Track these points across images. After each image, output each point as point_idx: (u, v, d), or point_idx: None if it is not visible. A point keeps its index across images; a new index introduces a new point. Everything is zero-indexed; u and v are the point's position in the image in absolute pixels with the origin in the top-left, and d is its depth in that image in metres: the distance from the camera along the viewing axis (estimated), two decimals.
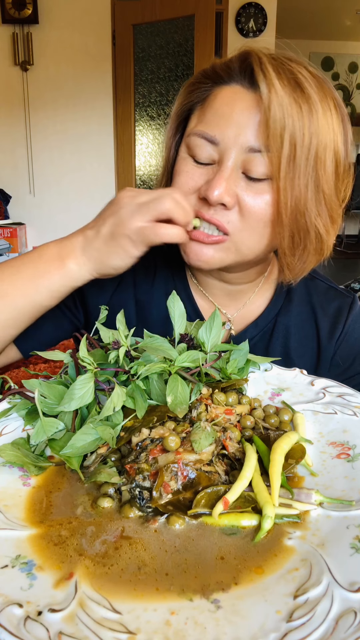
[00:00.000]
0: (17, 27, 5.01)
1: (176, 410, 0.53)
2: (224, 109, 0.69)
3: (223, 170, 0.69)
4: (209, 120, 0.70)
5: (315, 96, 0.67)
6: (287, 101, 0.65)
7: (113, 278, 0.76)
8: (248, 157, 0.68)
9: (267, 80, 0.66)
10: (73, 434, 0.53)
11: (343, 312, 0.86)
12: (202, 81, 0.75)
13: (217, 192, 0.68)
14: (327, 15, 6.61)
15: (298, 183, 0.68)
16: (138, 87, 5.25)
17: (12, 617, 0.35)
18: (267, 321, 0.87)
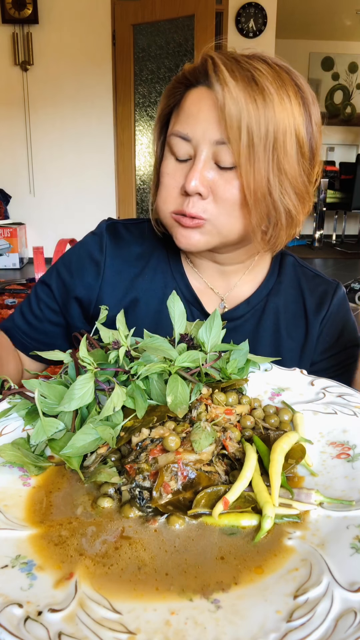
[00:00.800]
0: (17, 27, 5.01)
1: (176, 410, 0.53)
2: (192, 108, 0.78)
3: (196, 164, 0.77)
4: (182, 120, 0.79)
5: (271, 87, 0.75)
6: (241, 96, 0.73)
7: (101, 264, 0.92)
8: (216, 149, 0.77)
9: (220, 80, 0.74)
10: (73, 434, 0.53)
11: (328, 295, 0.94)
12: (176, 86, 0.83)
13: (194, 183, 0.76)
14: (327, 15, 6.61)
15: (258, 167, 0.76)
16: (138, 87, 5.25)
17: (12, 617, 0.35)
18: (259, 300, 0.94)
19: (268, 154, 0.75)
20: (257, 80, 0.74)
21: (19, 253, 5.38)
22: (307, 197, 0.83)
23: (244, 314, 0.93)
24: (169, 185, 0.82)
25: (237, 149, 0.74)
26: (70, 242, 3.50)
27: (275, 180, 0.77)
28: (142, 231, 0.99)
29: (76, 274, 0.95)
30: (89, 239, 0.98)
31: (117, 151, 5.44)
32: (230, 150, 0.75)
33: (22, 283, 4.38)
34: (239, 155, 0.75)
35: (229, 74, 0.74)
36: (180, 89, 0.82)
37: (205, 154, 0.77)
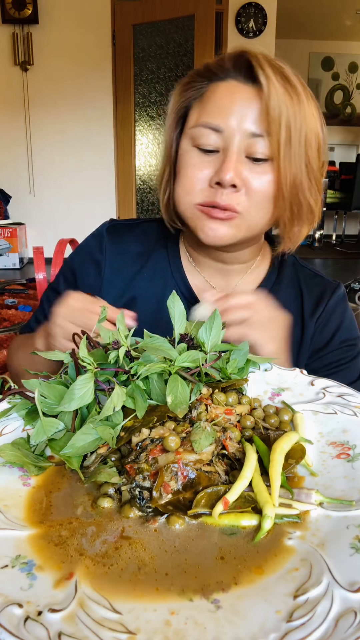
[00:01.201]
0: (17, 27, 5.01)
1: (176, 410, 0.53)
2: (224, 101, 0.79)
3: (230, 155, 0.78)
4: (211, 111, 0.79)
5: (300, 88, 0.78)
6: (281, 92, 0.76)
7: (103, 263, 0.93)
8: (250, 142, 0.78)
9: (266, 74, 0.76)
10: (73, 434, 0.53)
11: (326, 295, 0.95)
12: (196, 80, 0.84)
13: (229, 175, 0.76)
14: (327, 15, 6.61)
15: (294, 162, 0.78)
16: (138, 87, 5.26)
17: (12, 617, 0.35)
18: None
19: (301, 148, 0.78)
20: (289, 80, 0.77)
21: (19, 253, 5.38)
22: (321, 191, 0.86)
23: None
24: (194, 176, 0.81)
25: (277, 143, 0.76)
26: (70, 242, 3.50)
27: (304, 175, 0.80)
28: (143, 230, 0.99)
29: (79, 277, 0.96)
30: (90, 240, 0.98)
31: (117, 151, 5.44)
32: (267, 143, 0.77)
33: (22, 283, 4.39)
34: (278, 149, 0.77)
35: (271, 70, 0.76)
36: (202, 82, 0.83)
37: (237, 146, 0.78)
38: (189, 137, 0.82)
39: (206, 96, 0.81)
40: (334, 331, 0.94)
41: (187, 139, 0.82)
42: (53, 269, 3.21)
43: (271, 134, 0.76)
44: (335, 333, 0.93)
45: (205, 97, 0.81)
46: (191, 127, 0.82)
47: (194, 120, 0.82)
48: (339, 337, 0.93)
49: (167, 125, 0.89)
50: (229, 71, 0.80)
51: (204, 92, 0.82)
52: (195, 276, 0.95)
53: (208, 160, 0.80)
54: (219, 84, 0.80)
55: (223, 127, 0.78)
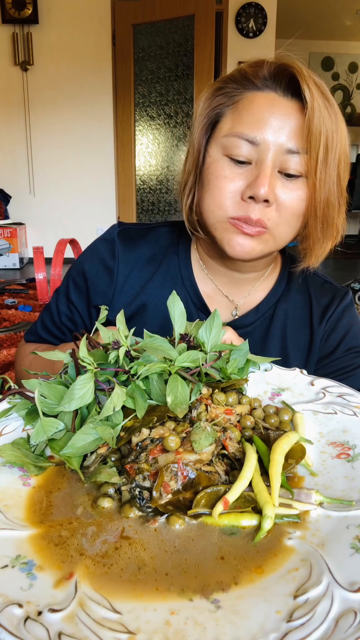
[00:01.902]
0: (17, 27, 5.01)
1: (176, 410, 0.53)
2: (262, 112, 0.76)
3: (265, 169, 0.76)
4: (248, 122, 0.77)
5: (336, 106, 0.77)
6: (322, 109, 0.74)
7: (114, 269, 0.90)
8: (285, 157, 0.76)
9: (310, 91, 0.74)
10: (73, 434, 0.53)
11: (335, 301, 0.94)
12: (229, 85, 0.81)
13: (263, 190, 0.75)
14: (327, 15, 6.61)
15: (328, 181, 0.77)
16: (138, 87, 5.26)
17: (12, 617, 0.35)
18: (268, 307, 0.94)
19: (334, 168, 0.77)
20: (327, 96, 0.76)
21: (19, 253, 5.38)
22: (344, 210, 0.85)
23: (254, 321, 0.93)
24: (225, 188, 0.79)
25: (314, 161, 0.75)
26: (71, 242, 3.50)
27: (335, 193, 0.79)
28: (154, 236, 0.97)
29: (91, 284, 0.94)
30: (101, 245, 0.95)
31: (117, 151, 5.44)
32: (302, 160, 0.76)
33: (22, 283, 4.39)
34: (315, 167, 0.75)
35: (314, 86, 0.74)
36: (237, 89, 0.80)
37: (272, 160, 0.76)
38: (220, 146, 0.80)
39: (241, 105, 0.79)
40: (341, 338, 0.93)
41: (218, 147, 0.80)
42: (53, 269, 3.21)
43: (310, 152, 0.75)
44: (342, 340, 0.93)
45: (241, 105, 0.79)
46: (224, 135, 0.79)
47: (226, 128, 0.79)
48: (346, 344, 0.93)
49: (195, 129, 0.85)
50: (267, 82, 0.78)
51: (238, 100, 0.80)
52: (207, 284, 0.94)
53: (239, 172, 0.78)
54: (257, 94, 0.78)
55: (259, 140, 0.76)
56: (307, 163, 0.76)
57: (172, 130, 5.30)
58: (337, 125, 0.76)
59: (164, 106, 5.18)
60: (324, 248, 0.86)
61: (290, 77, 0.76)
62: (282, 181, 0.78)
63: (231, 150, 0.78)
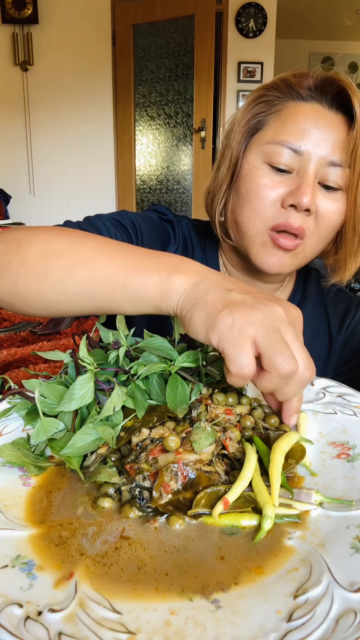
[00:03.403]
0: (17, 27, 5.01)
1: (176, 410, 0.53)
2: (307, 123, 0.77)
3: (307, 179, 0.75)
4: (292, 131, 0.77)
5: None
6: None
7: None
8: (326, 170, 0.76)
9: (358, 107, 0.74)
10: (73, 434, 0.53)
11: (352, 309, 0.95)
12: (272, 93, 0.81)
13: (306, 199, 0.74)
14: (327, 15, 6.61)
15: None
16: (138, 87, 5.26)
17: (12, 617, 0.35)
18: None
19: None
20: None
21: None
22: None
23: None
24: (267, 197, 0.78)
25: (358, 175, 0.76)
26: None
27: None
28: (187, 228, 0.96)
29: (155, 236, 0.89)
30: (155, 219, 0.92)
31: (117, 151, 5.44)
32: (344, 173, 0.76)
33: None
34: (358, 182, 0.76)
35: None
36: (279, 98, 0.80)
37: (314, 171, 0.76)
38: (262, 153, 0.79)
39: (285, 113, 0.79)
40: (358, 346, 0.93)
41: (259, 154, 0.79)
42: None
43: (354, 166, 0.75)
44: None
45: (284, 114, 0.79)
46: (266, 142, 0.79)
47: (269, 136, 0.79)
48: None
49: (234, 135, 0.84)
50: (313, 93, 0.78)
51: (281, 109, 0.80)
52: None
53: (280, 179, 0.78)
54: (301, 105, 0.78)
55: (303, 150, 0.76)
56: (349, 177, 0.76)
57: (172, 130, 5.30)
58: None
59: (164, 106, 5.18)
60: (357, 261, 0.86)
61: (337, 91, 0.77)
62: (322, 192, 0.78)
63: (273, 157, 0.77)
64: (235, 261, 0.91)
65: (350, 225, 0.80)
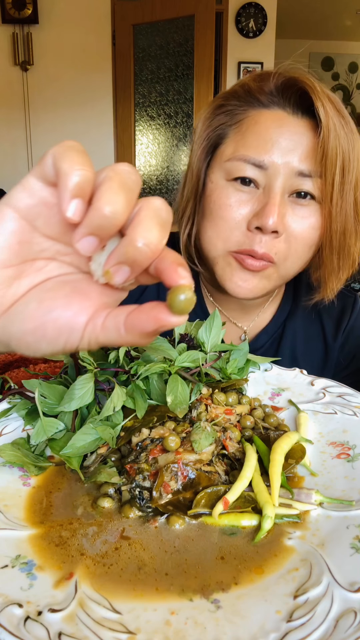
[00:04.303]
0: (17, 27, 5.01)
1: (176, 410, 0.53)
2: (270, 133, 0.69)
3: (274, 197, 0.68)
4: (254, 144, 0.69)
5: (351, 122, 0.69)
6: (338, 128, 0.67)
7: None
8: (296, 182, 0.69)
9: (325, 109, 0.66)
10: (73, 434, 0.53)
11: (347, 311, 0.88)
12: (231, 103, 0.73)
13: (272, 220, 0.67)
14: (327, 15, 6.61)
15: (345, 207, 0.69)
16: (138, 87, 5.26)
17: (12, 617, 0.35)
18: (277, 327, 0.88)
19: (352, 192, 0.70)
20: (341, 111, 0.69)
21: None
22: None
23: (264, 343, 0.88)
24: (230, 218, 0.71)
25: (330, 186, 0.68)
26: None
27: (352, 219, 0.71)
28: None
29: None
30: None
31: (117, 151, 5.44)
32: (316, 184, 0.68)
33: None
34: (330, 193, 0.68)
35: (329, 103, 0.67)
36: (240, 107, 0.73)
37: (281, 186, 0.68)
38: (224, 171, 0.72)
39: (246, 124, 0.71)
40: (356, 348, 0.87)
41: (221, 172, 0.72)
42: None
43: (325, 176, 0.67)
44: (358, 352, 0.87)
45: (245, 125, 0.71)
46: (227, 159, 0.71)
47: (230, 151, 0.71)
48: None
49: (194, 153, 0.77)
50: (274, 98, 0.71)
51: (241, 119, 0.72)
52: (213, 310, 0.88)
53: (245, 198, 0.70)
54: (263, 112, 0.71)
55: (267, 164, 0.68)
56: (322, 188, 0.69)
57: (172, 130, 5.30)
58: (353, 144, 0.68)
59: (164, 106, 5.18)
60: (339, 279, 0.78)
61: (300, 93, 0.69)
62: (292, 208, 0.70)
63: (234, 174, 0.70)
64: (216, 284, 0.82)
65: (327, 242, 0.72)
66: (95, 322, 0.32)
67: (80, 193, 0.30)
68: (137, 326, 0.30)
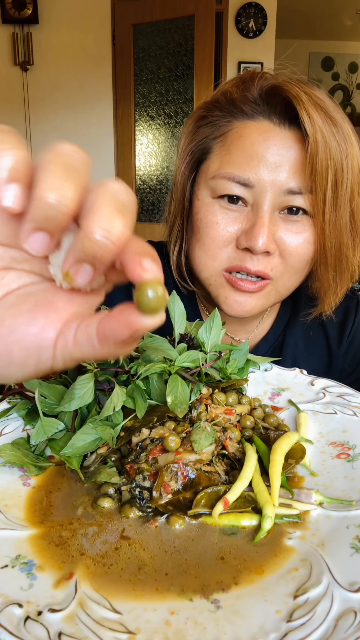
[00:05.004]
0: (17, 27, 5.01)
1: (176, 410, 0.53)
2: (255, 147, 0.65)
3: (262, 217, 0.65)
4: (238, 160, 0.65)
5: (344, 126, 0.65)
6: (328, 139, 0.62)
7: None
8: (286, 199, 0.65)
9: (311, 119, 0.62)
10: (73, 434, 0.53)
11: (350, 314, 0.85)
12: (214, 114, 0.69)
13: (261, 241, 0.64)
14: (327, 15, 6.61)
15: (339, 221, 0.66)
16: (138, 87, 5.26)
17: (12, 617, 0.35)
18: (277, 335, 0.86)
19: (347, 204, 0.66)
20: (331, 116, 0.64)
21: None
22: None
23: (264, 352, 0.85)
24: (218, 237, 0.67)
25: (322, 202, 0.64)
26: None
27: (348, 231, 0.67)
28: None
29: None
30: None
31: (117, 151, 5.44)
32: (307, 200, 0.65)
33: None
34: (322, 209, 0.64)
35: (315, 110, 0.62)
36: (224, 118, 0.69)
37: (271, 204, 0.65)
38: (210, 189, 0.68)
39: (230, 138, 0.67)
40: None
41: (207, 190, 0.69)
42: None
43: (316, 192, 0.63)
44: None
45: (229, 139, 0.67)
46: (212, 177, 0.67)
47: (215, 168, 0.68)
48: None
49: (178, 168, 0.73)
50: (259, 108, 0.66)
51: (226, 132, 0.68)
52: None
53: (233, 216, 0.67)
54: (247, 124, 0.66)
55: (253, 182, 0.64)
56: (313, 204, 0.65)
57: (172, 130, 5.30)
58: (347, 153, 0.64)
59: (164, 106, 5.18)
60: (337, 294, 0.74)
61: (286, 101, 0.65)
62: (285, 224, 0.67)
63: (221, 193, 0.67)
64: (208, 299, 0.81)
65: (321, 260, 0.69)
66: (66, 337, 0.28)
67: (15, 176, 0.25)
68: (110, 336, 0.26)
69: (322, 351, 0.86)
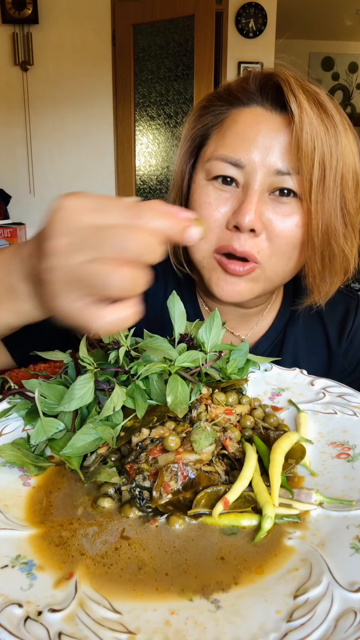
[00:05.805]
0: (17, 27, 5.01)
1: (176, 410, 0.53)
2: (247, 131, 0.68)
3: (251, 195, 0.67)
4: (232, 143, 0.69)
5: (337, 117, 0.68)
6: (316, 122, 0.65)
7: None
8: (275, 179, 0.68)
9: (298, 101, 0.65)
10: (73, 434, 0.53)
11: (350, 314, 0.86)
12: (215, 103, 0.73)
13: (248, 217, 0.66)
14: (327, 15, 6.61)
15: (328, 205, 0.68)
16: (138, 87, 5.26)
17: (12, 617, 0.35)
18: (277, 332, 0.87)
19: (336, 190, 0.68)
20: (325, 107, 0.67)
21: None
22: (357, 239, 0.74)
23: (265, 350, 0.86)
24: (210, 216, 0.70)
25: (308, 183, 0.66)
26: None
27: (339, 219, 0.69)
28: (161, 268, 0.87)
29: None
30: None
31: (117, 151, 5.44)
32: (294, 182, 0.67)
33: None
34: (309, 190, 0.66)
35: (304, 96, 0.65)
36: (222, 107, 0.73)
37: (259, 184, 0.67)
38: (205, 171, 0.72)
39: (226, 124, 0.71)
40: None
41: (203, 172, 0.72)
42: None
43: (302, 172, 0.66)
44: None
45: (225, 124, 0.71)
46: (207, 160, 0.71)
47: (210, 152, 0.71)
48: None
49: (179, 154, 0.77)
50: (254, 95, 0.70)
51: (223, 119, 0.72)
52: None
53: (226, 197, 0.70)
54: (242, 111, 0.70)
55: (244, 162, 0.67)
56: (301, 185, 0.67)
57: (172, 130, 5.30)
58: (337, 139, 0.67)
59: (164, 106, 5.18)
60: (330, 284, 0.75)
61: (277, 88, 0.68)
62: (274, 206, 0.69)
63: (214, 173, 0.70)
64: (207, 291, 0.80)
65: (309, 242, 0.70)
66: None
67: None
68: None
69: (322, 350, 0.86)
